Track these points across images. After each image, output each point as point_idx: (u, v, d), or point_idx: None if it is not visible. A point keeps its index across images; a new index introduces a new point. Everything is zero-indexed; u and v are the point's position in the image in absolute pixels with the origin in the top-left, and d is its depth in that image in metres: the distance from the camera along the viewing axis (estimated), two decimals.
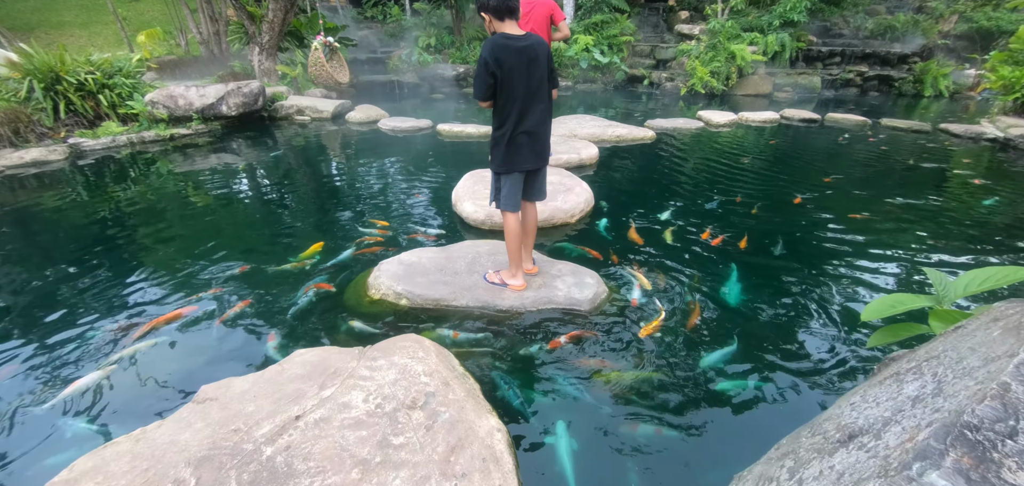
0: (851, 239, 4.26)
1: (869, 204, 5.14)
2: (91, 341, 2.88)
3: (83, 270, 3.66)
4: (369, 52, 14.62)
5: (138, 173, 6.24)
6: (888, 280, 3.61)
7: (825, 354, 2.76)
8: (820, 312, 3.15)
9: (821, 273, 3.65)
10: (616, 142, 7.65)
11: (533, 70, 2.73)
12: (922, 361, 1.31)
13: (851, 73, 13.39)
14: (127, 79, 7.98)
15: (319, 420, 2.13)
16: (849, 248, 4.08)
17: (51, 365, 2.70)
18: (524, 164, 2.89)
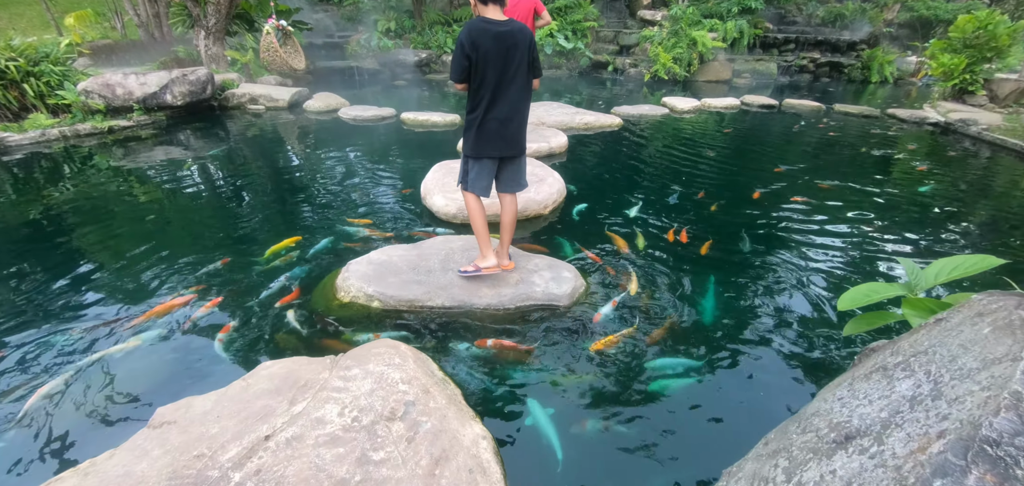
0: (810, 228, 4.41)
1: (821, 192, 5.34)
2: (33, 356, 2.61)
3: (15, 279, 3.31)
4: (326, 36, 13.99)
5: (74, 170, 5.73)
6: (848, 268, 3.75)
7: (797, 343, 2.83)
8: (787, 302, 3.23)
9: (785, 264, 3.76)
10: (584, 130, 7.64)
11: (510, 57, 2.69)
12: (909, 356, 1.33)
13: (805, 59, 13.93)
14: (55, 66, 7.29)
15: (291, 439, 2.00)
16: (810, 238, 4.22)
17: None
18: (492, 151, 2.87)
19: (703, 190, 5.16)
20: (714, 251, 3.82)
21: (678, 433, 2.22)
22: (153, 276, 3.38)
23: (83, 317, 2.97)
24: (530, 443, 2.15)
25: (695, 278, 3.41)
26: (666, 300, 3.16)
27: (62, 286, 3.27)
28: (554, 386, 2.45)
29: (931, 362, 1.18)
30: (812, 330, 2.91)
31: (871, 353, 1.69)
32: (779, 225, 4.36)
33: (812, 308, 3.12)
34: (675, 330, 2.87)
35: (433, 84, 12.70)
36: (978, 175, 6.26)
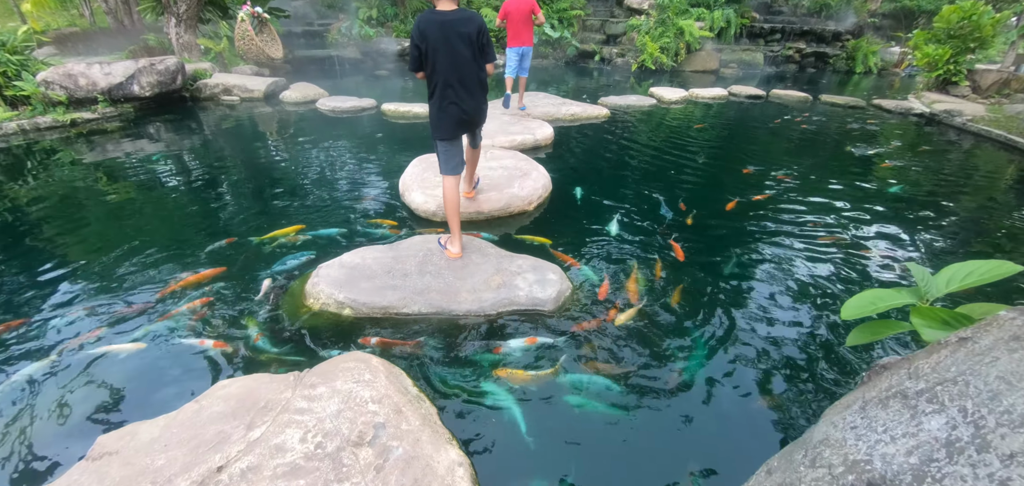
0: (797, 229, 4.30)
1: (807, 191, 5.24)
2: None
3: None
4: (305, 24, 13.53)
5: (34, 166, 5.38)
6: (842, 271, 3.64)
7: (793, 353, 2.70)
8: (781, 310, 3.10)
9: (776, 270, 3.63)
10: (571, 121, 7.45)
11: (458, 44, 2.81)
12: (934, 384, 1.17)
13: (790, 50, 13.89)
14: (12, 56, 6.86)
15: (247, 470, 1.80)
16: (799, 239, 4.10)
17: None
18: (450, 131, 3.05)
19: (691, 191, 5.02)
20: (700, 255, 3.67)
21: (669, 452, 2.07)
22: (114, 280, 3.12)
23: (44, 319, 2.72)
24: (511, 470, 1.98)
25: (679, 285, 3.27)
26: (648, 308, 3.00)
27: (17, 287, 3.01)
28: (536, 400, 2.28)
29: (965, 396, 1.02)
30: (810, 339, 2.76)
31: (882, 371, 1.54)
32: (765, 228, 4.24)
33: (809, 316, 2.98)
34: (659, 336, 2.72)
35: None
36: (964, 167, 6.22)
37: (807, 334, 2.79)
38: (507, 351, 2.53)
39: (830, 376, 2.49)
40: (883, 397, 1.34)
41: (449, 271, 3.02)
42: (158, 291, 3.02)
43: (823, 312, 2.98)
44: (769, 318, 2.91)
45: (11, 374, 2.41)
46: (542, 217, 4.14)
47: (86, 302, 2.94)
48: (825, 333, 2.80)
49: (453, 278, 2.96)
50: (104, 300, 2.96)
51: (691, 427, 2.18)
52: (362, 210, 4.25)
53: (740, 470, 1.96)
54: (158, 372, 2.45)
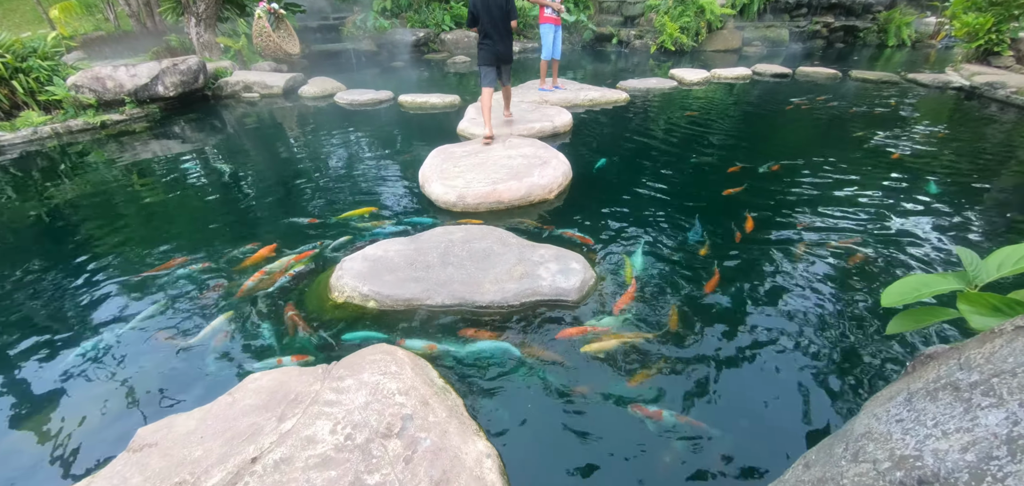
0: (833, 211, 4.15)
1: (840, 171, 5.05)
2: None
3: (16, 280, 3.17)
4: (320, 19, 13.61)
5: (70, 168, 5.57)
6: (880, 253, 3.50)
7: (829, 340, 2.61)
8: (815, 296, 3.01)
9: (812, 254, 3.52)
10: (589, 106, 7.34)
11: (493, 6, 4.87)
12: (990, 376, 1.11)
13: (818, 24, 13.37)
14: (44, 61, 7.09)
15: (280, 462, 1.83)
16: (834, 227, 3.96)
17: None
18: (487, 61, 5.08)
19: (717, 174, 4.89)
20: (729, 241, 3.58)
21: (700, 442, 2.03)
22: (155, 277, 3.21)
23: (84, 320, 2.82)
24: (539, 462, 1.97)
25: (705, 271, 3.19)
26: (670, 295, 2.94)
27: (63, 286, 3.12)
28: (561, 395, 2.27)
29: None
30: (846, 327, 2.67)
31: (928, 360, 1.47)
32: (798, 211, 4.10)
33: (844, 302, 2.88)
34: (685, 322, 2.66)
35: (432, 64, 12.35)
36: (1008, 143, 5.91)
37: (842, 321, 2.69)
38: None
39: (868, 366, 2.40)
40: (931, 389, 1.28)
41: (471, 262, 3.02)
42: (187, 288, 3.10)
43: (859, 298, 2.88)
44: (803, 305, 2.82)
45: (70, 359, 2.51)
46: (563, 205, 4.09)
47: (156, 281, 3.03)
48: (862, 320, 2.70)
49: (475, 269, 2.95)
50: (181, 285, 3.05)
51: (723, 418, 2.13)
52: (383, 201, 4.27)
53: (774, 463, 1.92)
54: (190, 365, 2.51)
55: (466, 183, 4.02)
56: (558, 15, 6.95)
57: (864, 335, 2.59)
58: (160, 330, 2.75)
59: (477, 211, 3.93)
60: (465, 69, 11.70)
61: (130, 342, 2.68)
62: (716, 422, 2.11)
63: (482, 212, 3.93)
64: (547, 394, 2.25)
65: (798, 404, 2.20)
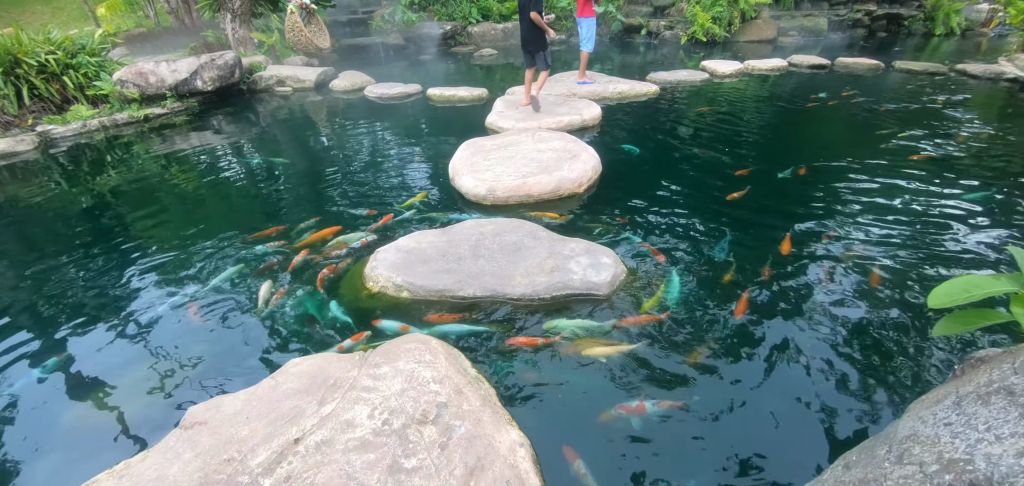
0: (877, 212, 4.01)
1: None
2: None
3: (73, 266, 3.38)
4: (349, 13, 13.82)
5: (117, 159, 5.85)
6: (919, 253, 3.37)
7: (870, 340, 2.55)
8: (854, 293, 2.92)
9: (855, 251, 3.41)
10: (618, 99, 7.26)
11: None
12: None
13: (859, 12, 12.80)
14: (92, 57, 7.44)
15: (321, 443, 1.91)
16: (878, 224, 3.83)
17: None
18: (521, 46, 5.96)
19: (748, 165, 4.78)
20: (767, 233, 3.51)
21: (736, 439, 2.02)
22: (203, 262, 3.38)
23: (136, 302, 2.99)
24: (569, 450, 1.99)
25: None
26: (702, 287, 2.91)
27: (118, 270, 3.31)
28: (595, 389, 2.28)
29: None
30: (889, 327, 2.58)
31: (979, 364, 1.43)
32: (839, 206, 3.98)
33: (888, 301, 2.79)
34: (724, 318, 2.63)
35: (458, 57, 12.40)
36: None
37: (886, 321, 2.62)
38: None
39: (912, 368, 2.33)
40: (983, 393, 1.25)
41: (502, 255, 3.05)
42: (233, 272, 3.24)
43: (904, 298, 2.78)
44: (844, 303, 2.75)
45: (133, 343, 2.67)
46: (592, 200, 4.08)
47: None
48: (906, 321, 2.61)
49: (506, 262, 2.99)
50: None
51: (760, 415, 2.11)
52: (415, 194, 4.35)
53: (811, 462, 1.90)
54: (235, 348, 2.63)
55: (496, 176, 4.05)
56: (595, 6, 6.94)
57: (903, 337, 2.51)
58: (207, 305, 2.89)
59: (507, 204, 3.96)
60: (491, 62, 11.71)
61: (179, 323, 2.82)
62: (749, 422, 2.09)
63: (512, 205, 3.96)
64: (581, 389, 2.27)
65: (834, 406, 2.15)
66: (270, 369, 2.43)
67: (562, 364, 2.39)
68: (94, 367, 2.56)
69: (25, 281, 3.33)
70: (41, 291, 3.20)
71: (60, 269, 3.46)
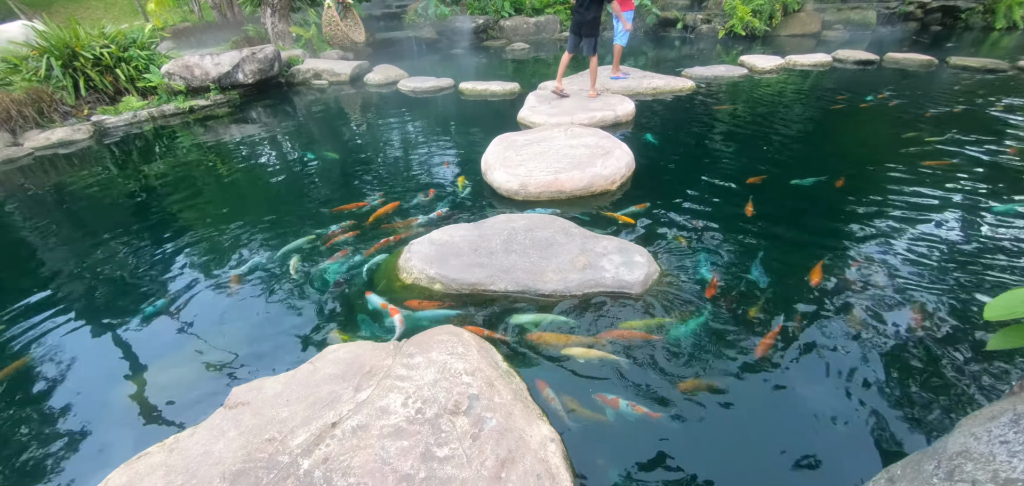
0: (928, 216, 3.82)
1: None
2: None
3: (131, 248, 3.59)
4: (384, 7, 14.03)
5: (164, 149, 6.14)
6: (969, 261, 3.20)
7: (917, 350, 2.44)
8: (902, 299, 2.80)
9: (903, 259, 3.27)
10: (652, 95, 7.13)
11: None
12: None
13: (911, 5, 12.13)
14: (142, 51, 7.81)
15: (357, 428, 1.97)
16: (929, 230, 3.65)
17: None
18: (571, 27, 6.05)
19: (789, 166, 4.62)
20: (811, 236, 3.40)
21: (774, 444, 1.97)
22: (244, 247, 3.53)
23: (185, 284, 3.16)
24: (601, 450, 1.99)
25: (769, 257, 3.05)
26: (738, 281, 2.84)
27: (169, 254, 3.50)
28: (629, 387, 2.27)
29: None
30: (939, 340, 2.45)
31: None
32: (885, 210, 3.81)
33: (938, 313, 2.65)
34: (756, 317, 2.57)
35: (490, 51, 12.42)
36: None
37: (934, 332, 2.49)
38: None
39: (963, 382, 2.21)
40: None
41: (534, 250, 3.06)
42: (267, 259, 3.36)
43: (955, 310, 2.65)
44: (891, 313, 2.64)
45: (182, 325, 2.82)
46: (625, 197, 4.03)
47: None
48: (958, 334, 2.48)
49: (538, 257, 2.99)
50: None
51: (801, 423, 2.06)
52: (448, 188, 4.40)
53: (853, 473, 1.84)
54: (277, 332, 2.74)
55: (528, 172, 4.05)
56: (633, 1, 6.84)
57: (953, 350, 2.39)
58: (255, 284, 3.01)
59: (539, 200, 3.96)
60: (523, 56, 11.68)
61: (226, 303, 2.96)
62: (790, 428, 2.04)
63: (543, 201, 3.95)
64: (616, 386, 2.26)
65: (877, 417, 2.07)
66: (308, 352, 2.53)
67: (594, 360, 2.38)
68: (147, 344, 2.71)
69: (82, 262, 3.55)
70: (97, 271, 3.41)
71: (115, 251, 3.67)
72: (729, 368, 2.32)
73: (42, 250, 3.86)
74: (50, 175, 5.43)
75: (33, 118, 6.57)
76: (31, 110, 6.57)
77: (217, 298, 3.05)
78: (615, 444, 2.01)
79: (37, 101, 6.67)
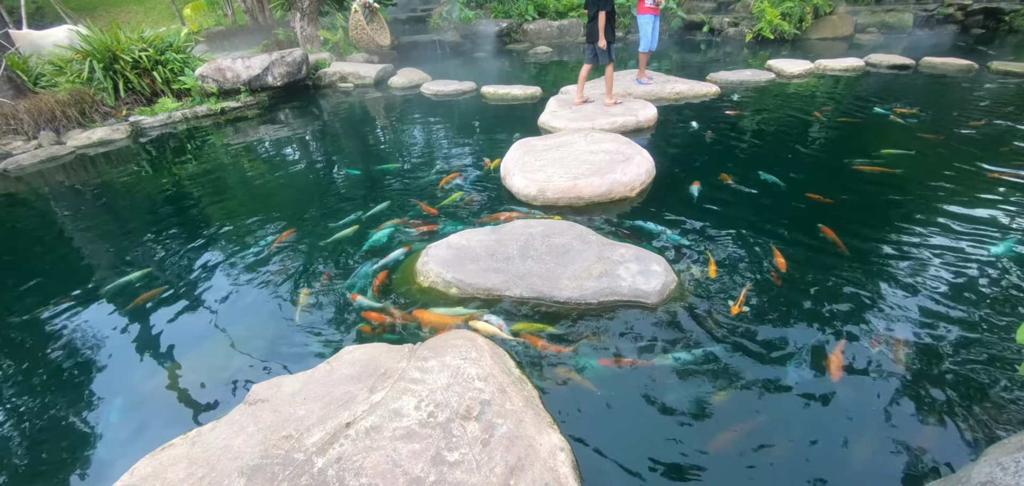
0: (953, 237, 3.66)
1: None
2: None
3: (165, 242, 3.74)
4: (409, 11, 14.22)
5: (196, 149, 6.37)
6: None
7: (940, 374, 2.34)
8: (925, 321, 2.69)
9: (928, 277, 3.14)
10: (676, 99, 7.03)
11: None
12: None
13: (951, 7, 11.64)
14: (178, 54, 8.11)
15: (370, 429, 2.00)
16: (954, 251, 3.50)
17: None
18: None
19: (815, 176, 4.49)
20: (829, 257, 3.30)
21: (787, 464, 1.92)
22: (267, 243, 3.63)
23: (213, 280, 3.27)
24: (612, 459, 1.97)
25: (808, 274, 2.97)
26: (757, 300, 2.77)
27: (198, 249, 3.63)
28: (641, 398, 2.24)
29: None
30: (965, 364, 2.34)
31: None
32: (913, 228, 3.67)
33: (964, 337, 2.52)
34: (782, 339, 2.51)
35: (513, 55, 12.46)
36: None
37: (959, 357, 2.39)
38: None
39: (990, 410, 2.10)
40: None
41: (550, 257, 3.05)
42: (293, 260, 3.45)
43: (983, 334, 2.52)
44: (916, 335, 2.53)
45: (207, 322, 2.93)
46: (644, 205, 3.99)
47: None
48: (984, 358, 2.37)
49: (554, 264, 2.99)
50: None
51: (821, 443, 1.99)
52: (465, 191, 4.43)
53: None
54: (296, 330, 2.80)
55: (547, 177, 4.05)
56: (657, 5, 6.72)
57: (980, 376, 2.27)
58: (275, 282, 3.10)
59: (557, 205, 3.95)
60: (546, 60, 11.68)
61: (250, 300, 3.05)
62: (812, 447, 1.98)
63: (561, 206, 3.94)
64: (627, 397, 2.24)
65: (900, 442, 1.99)
66: (327, 351, 2.58)
67: (613, 374, 2.36)
68: (174, 338, 2.82)
69: (116, 254, 3.72)
70: (129, 263, 3.56)
71: (147, 244, 3.83)
72: (749, 386, 2.26)
73: (82, 242, 4.05)
74: (90, 172, 5.69)
75: (75, 118, 6.90)
76: (74, 110, 6.90)
77: (243, 292, 3.15)
78: (625, 455, 1.98)
79: (79, 102, 7.00)
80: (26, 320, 3.05)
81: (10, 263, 3.84)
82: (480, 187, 4.50)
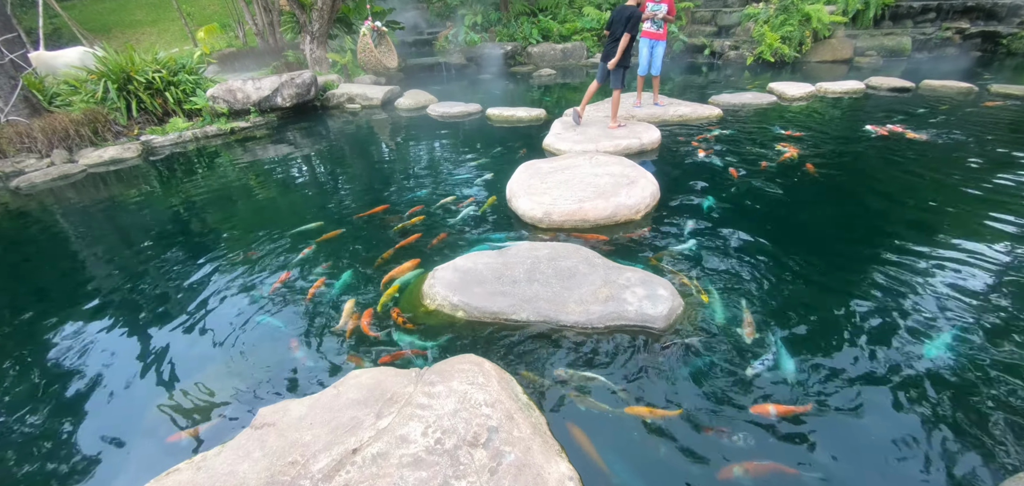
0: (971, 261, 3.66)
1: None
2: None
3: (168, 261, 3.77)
4: (416, 34, 14.48)
5: (205, 167, 6.45)
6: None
7: (954, 400, 2.32)
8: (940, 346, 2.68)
9: (945, 302, 3.14)
10: (679, 122, 7.10)
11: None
12: None
13: (949, 30, 11.77)
14: (190, 75, 8.26)
15: (376, 456, 1.99)
16: (972, 275, 3.50)
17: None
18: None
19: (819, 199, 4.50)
20: (844, 276, 3.30)
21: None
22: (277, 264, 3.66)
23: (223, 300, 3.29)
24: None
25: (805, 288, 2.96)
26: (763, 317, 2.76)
27: (206, 269, 3.66)
28: (646, 425, 2.23)
29: None
30: (980, 393, 2.33)
31: None
32: (931, 251, 3.67)
33: (986, 361, 2.52)
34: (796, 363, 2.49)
35: (518, 77, 12.63)
36: None
37: (980, 386, 2.37)
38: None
39: (1005, 440, 2.08)
40: None
41: (557, 280, 3.06)
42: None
43: (999, 360, 2.51)
44: (932, 362, 2.51)
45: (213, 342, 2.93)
46: (649, 227, 4.00)
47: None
48: (1000, 387, 2.35)
49: (561, 288, 2.99)
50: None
51: (824, 470, 1.97)
52: (471, 214, 4.46)
53: None
54: (302, 355, 2.81)
55: (552, 200, 4.08)
56: (657, 29, 6.80)
57: (995, 407, 2.25)
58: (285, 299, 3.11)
59: (562, 228, 3.97)
60: (550, 82, 11.83)
61: (257, 321, 3.06)
62: (819, 474, 1.96)
63: (566, 229, 3.96)
64: (636, 426, 2.23)
65: (911, 470, 1.97)
66: (335, 375, 2.58)
67: (616, 399, 2.35)
68: (181, 359, 2.82)
69: (124, 273, 3.74)
70: (137, 283, 3.58)
71: (155, 264, 3.85)
72: (760, 416, 2.25)
73: (89, 260, 4.09)
74: (100, 190, 5.76)
75: (88, 137, 7.01)
76: (87, 129, 7.01)
77: (250, 314, 3.15)
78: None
79: (93, 121, 7.12)
80: (30, 338, 3.07)
81: (14, 281, 3.88)
82: (473, 223, 4.34)
